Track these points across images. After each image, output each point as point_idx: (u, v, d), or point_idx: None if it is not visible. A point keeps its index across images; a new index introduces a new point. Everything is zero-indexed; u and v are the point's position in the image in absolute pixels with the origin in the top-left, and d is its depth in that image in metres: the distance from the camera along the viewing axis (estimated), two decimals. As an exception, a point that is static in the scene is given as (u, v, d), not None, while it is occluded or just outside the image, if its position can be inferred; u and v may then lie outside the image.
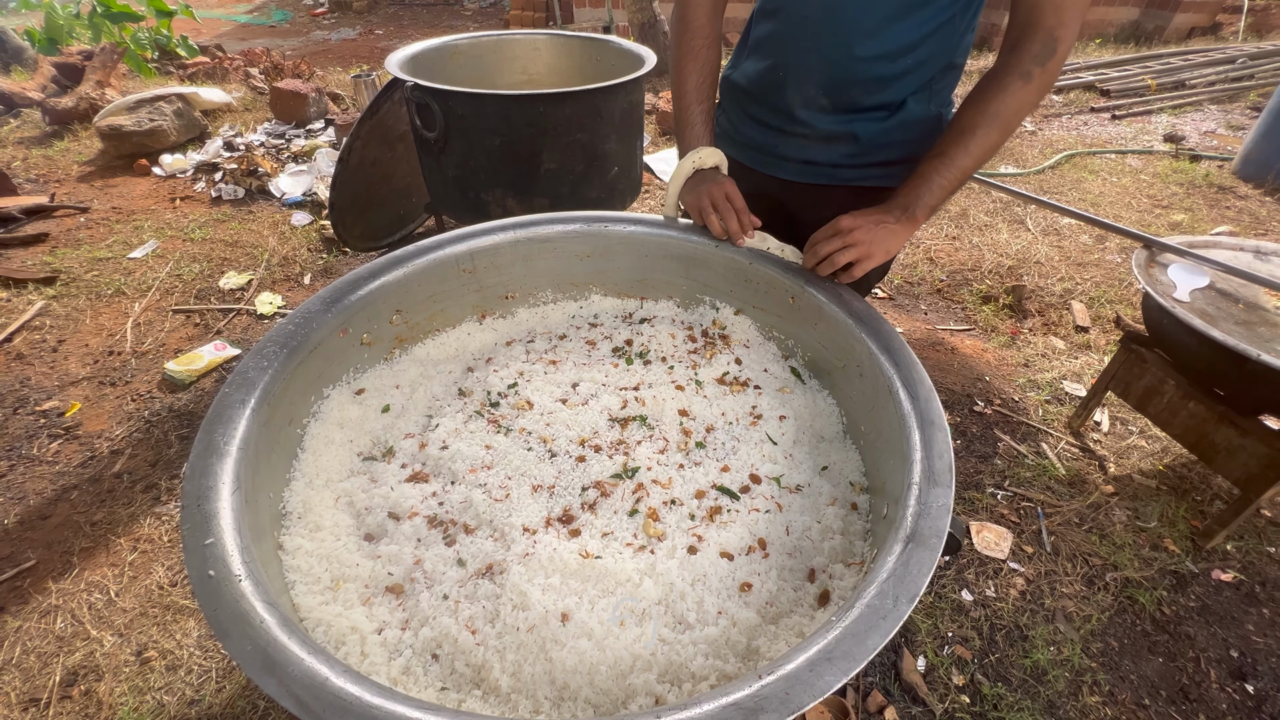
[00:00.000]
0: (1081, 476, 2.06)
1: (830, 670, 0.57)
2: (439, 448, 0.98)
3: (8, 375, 2.26)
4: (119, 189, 3.46)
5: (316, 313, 1.00)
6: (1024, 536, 1.87)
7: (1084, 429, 2.24)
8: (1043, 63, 0.96)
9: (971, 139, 1.00)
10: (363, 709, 0.54)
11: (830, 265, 1.06)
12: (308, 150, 3.76)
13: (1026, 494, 1.99)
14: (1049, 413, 2.32)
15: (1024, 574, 1.77)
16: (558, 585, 0.79)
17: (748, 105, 1.27)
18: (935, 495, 0.73)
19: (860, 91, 1.10)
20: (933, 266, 3.21)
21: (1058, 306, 2.91)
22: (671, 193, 1.22)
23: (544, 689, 0.72)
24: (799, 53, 1.12)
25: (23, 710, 1.42)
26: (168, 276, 2.77)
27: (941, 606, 1.68)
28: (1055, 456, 2.13)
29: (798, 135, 1.20)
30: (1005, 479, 2.04)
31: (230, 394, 0.84)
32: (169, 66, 5.57)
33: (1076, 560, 1.81)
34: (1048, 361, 2.59)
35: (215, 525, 0.69)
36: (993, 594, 1.72)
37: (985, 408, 2.32)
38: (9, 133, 4.03)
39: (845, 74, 1.08)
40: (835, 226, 1.05)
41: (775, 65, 1.17)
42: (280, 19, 8.98)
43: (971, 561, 1.79)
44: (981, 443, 2.18)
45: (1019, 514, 1.93)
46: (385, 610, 0.78)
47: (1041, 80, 0.97)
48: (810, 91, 1.13)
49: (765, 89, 1.21)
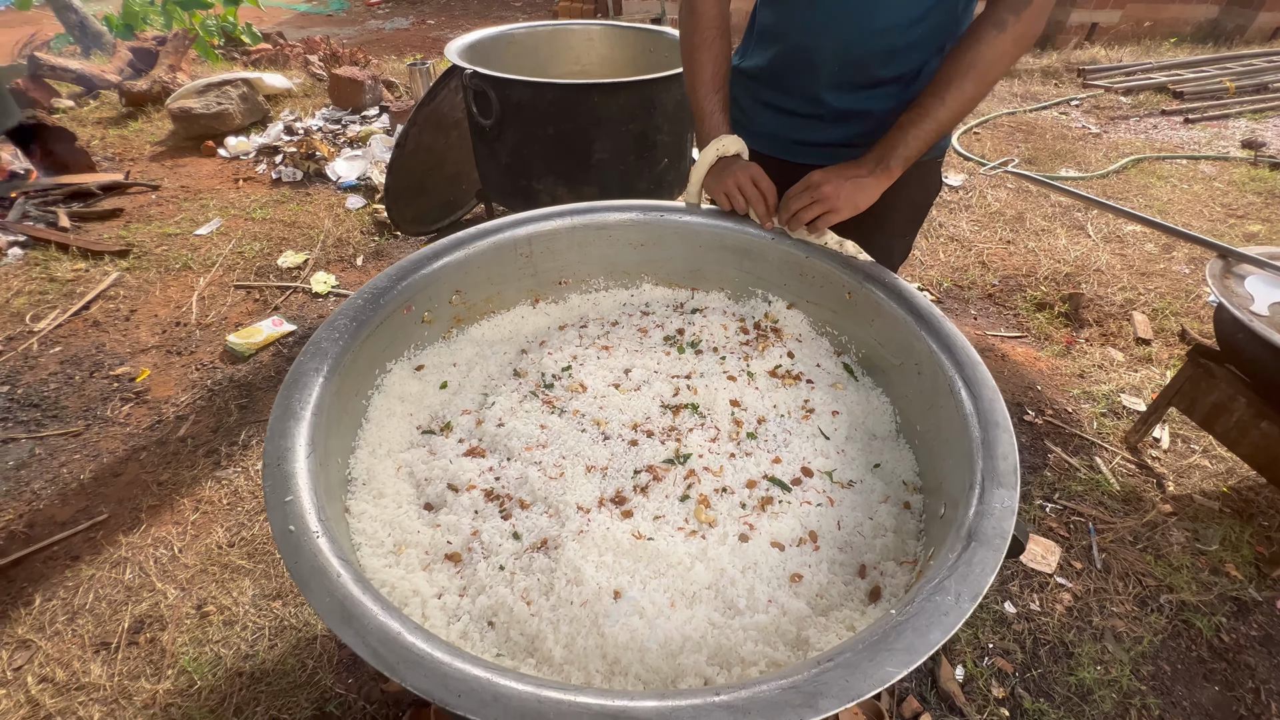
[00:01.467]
0: (1137, 494, 1.99)
1: (891, 660, 0.57)
2: (495, 425, 1.01)
3: (85, 341, 2.40)
4: (187, 168, 3.62)
5: (384, 289, 1.04)
6: (1073, 552, 1.81)
7: (1142, 445, 2.16)
8: (1017, 11, 0.96)
9: (947, 90, 1.01)
10: (433, 664, 0.56)
11: (799, 221, 1.10)
12: (363, 136, 3.86)
13: (1077, 508, 1.93)
14: (1104, 426, 2.23)
15: (1071, 590, 1.72)
16: (610, 563, 0.81)
17: (761, 93, 1.28)
18: (999, 496, 0.72)
19: (876, 64, 1.10)
20: (985, 270, 3.12)
21: (1118, 317, 2.79)
22: (694, 181, 1.23)
23: (595, 662, 0.73)
24: (810, 32, 1.12)
25: (94, 652, 1.52)
26: (230, 253, 2.89)
27: (983, 617, 1.64)
28: (1109, 471, 2.05)
29: (813, 117, 1.21)
30: (1055, 491, 1.98)
31: (305, 362, 0.88)
32: (234, 53, 5.79)
33: (1129, 579, 1.74)
34: (1104, 373, 2.49)
35: (294, 484, 0.72)
36: (1037, 608, 1.67)
37: (1036, 417, 2.25)
38: (89, 113, 4.25)
39: (859, 48, 1.09)
40: (807, 181, 1.09)
41: (786, 48, 1.18)
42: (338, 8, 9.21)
43: (1016, 573, 1.75)
44: (1031, 453, 2.12)
45: (1068, 528, 1.87)
46: (444, 576, 0.81)
47: (1017, 29, 0.96)
48: (825, 70, 1.13)
49: (778, 73, 1.21)
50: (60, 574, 1.67)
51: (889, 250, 1.34)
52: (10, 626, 1.56)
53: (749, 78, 1.30)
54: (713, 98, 1.21)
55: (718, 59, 1.20)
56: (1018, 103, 5.24)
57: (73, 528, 1.77)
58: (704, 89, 1.20)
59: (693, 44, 1.19)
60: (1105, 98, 5.30)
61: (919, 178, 1.26)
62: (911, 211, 1.34)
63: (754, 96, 1.30)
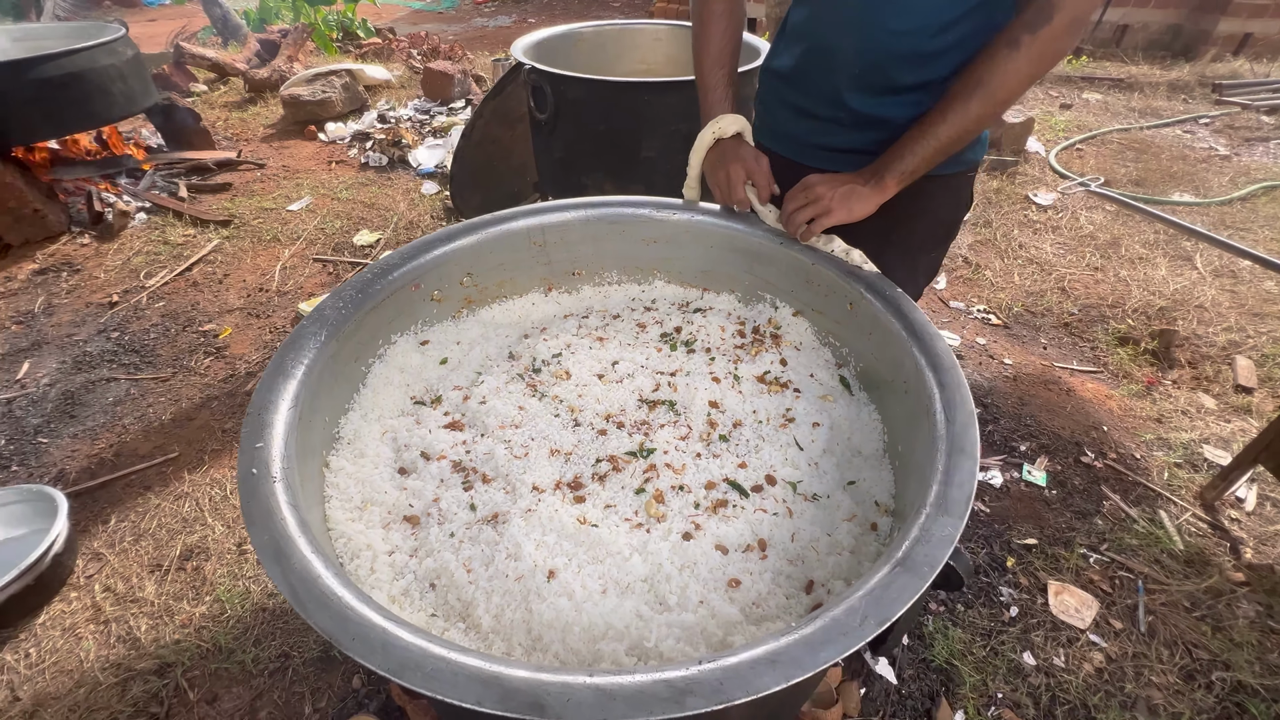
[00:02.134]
0: (1204, 556, 1.78)
1: (771, 672, 0.56)
2: (478, 402, 1.05)
3: (184, 299, 2.70)
4: (290, 150, 3.97)
5: (393, 265, 1.11)
6: (1114, 609, 1.65)
7: (1220, 503, 1.93)
8: (1034, 30, 0.91)
9: (950, 107, 0.97)
10: (339, 607, 0.61)
11: (793, 223, 1.09)
12: (446, 126, 4.08)
13: (1127, 563, 1.75)
14: (1177, 477, 2.01)
15: (1105, 650, 1.57)
16: (551, 544, 0.83)
17: (785, 93, 1.25)
18: (941, 524, 0.68)
19: (897, 69, 1.06)
20: (1063, 297, 2.88)
21: (1216, 360, 2.50)
22: (694, 165, 1.21)
23: (520, 635, 0.76)
24: (833, 33, 1.09)
25: (149, 572, 1.71)
26: (314, 229, 3.15)
27: (995, 664, 1.53)
28: (1174, 527, 1.85)
29: (833, 121, 1.17)
30: (1103, 542, 1.81)
31: (306, 326, 0.96)
32: (348, 45, 6.27)
33: (1176, 648, 1.57)
34: (1188, 420, 2.24)
35: (268, 433, 0.79)
36: (1061, 663, 1.54)
37: (1095, 460, 2.06)
38: (218, 96, 4.75)
39: (879, 50, 1.05)
40: (803, 183, 1.08)
41: (810, 48, 1.15)
42: (448, 5, 9.75)
43: (1042, 623, 1.61)
44: (1082, 498, 1.94)
45: (1112, 583, 1.71)
46: (399, 536, 0.87)
47: (1033, 49, 0.91)
48: (846, 71, 1.10)
49: (802, 74, 1.18)
50: (133, 500, 1.90)
51: (913, 266, 1.28)
52: (89, 540, 1.79)
53: (776, 77, 1.28)
54: (716, 72, 1.19)
55: (725, 34, 1.18)
56: (1134, 118, 4.79)
57: (149, 461, 2.00)
58: (708, 63, 1.19)
59: (702, 18, 1.19)
60: (1242, 116, 4.73)
61: (945, 192, 1.20)
62: (936, 227, 1.28)
63: (779, 97, 1.28)
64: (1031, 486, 1.98)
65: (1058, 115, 4.84)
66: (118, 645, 1.55)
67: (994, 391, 2.33)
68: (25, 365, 2.34)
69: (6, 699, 1.44)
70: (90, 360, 2.37)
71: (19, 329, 2.52)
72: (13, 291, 2.72)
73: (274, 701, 1.45)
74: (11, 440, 2.05)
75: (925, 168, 1.02)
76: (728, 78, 1.21)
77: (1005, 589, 1.69)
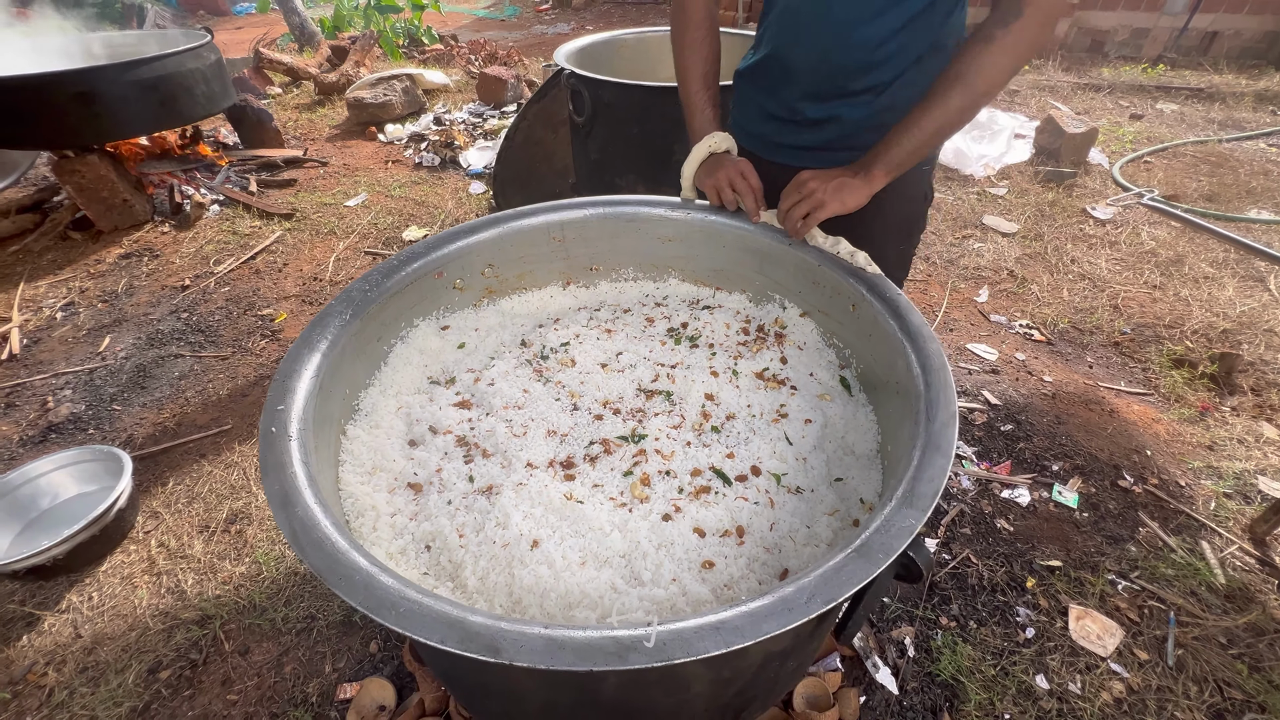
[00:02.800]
0: (1247, 592, 1.67)
1: (713, 638, 0.59)
2: (487, 384, 1.12)
3: (245, 285, 2.91)
4: (352, 150, 4.21)
5: (418, 254, 1.19)
6: (1140, 640, 1.58)
7: (1271, 538, 1.81)
8: (1006, 24, 0.96)
9: (933, 102, 1.03)
10: (332, 550, 0.68)
11: (791, 219, 1.14)
12: (497, 129, 4.24)
13: (1160, 593, 1.67)
14: (1225, 508, 1.90)
15: (1127, 681, 1.50)
16: (538, 516, 0.88)
17: (752, 94, 1.35)
18: (903, 515, 0.69)
19: (850, 77, 1.15)
20: (1115, 315, 2.75)
21: (1283, 387, 2.34)
22: (687, 176, 1.28)
23: (501, 597, 0.81)
24: (792, 43, 1.19)
25: (199, 532, 1.86)
26: (367, 224, 3.34)
27: (1005, 684, 1.49)
28: (1216, 560, 1.75)
29: (791, 122, 1.27)
30: (1135, 569, 1.73)
31: (334, 306, 1.04)
32: (413, 52, 6.57)
33: (1205, 685, 1.49)
34: (1244, 449, 2.11)
35: (290, 398, 0.88)
36: (1076, 690, 1.48)
37: (1134, 484, 1.97)
38: (291, 99, 5.07)
39: (835, 61, 1.14)
40: (797, 180, 1.14)
41: (771, 55, 1.24)
42: (510, 14, 10.07)
43: (1060, 647, 1.56)
44: (1116, 522, 1.86)
45: (1140, 613, 1.63)
46: (402, 500, 0.93)
47: (1006, 43, 0.97)
48: (803, 80, 1.20)
49: (764, 78, 1.28)
50: (189, 466, 2.07)
51: (881, 257, 1.31)
52: (149, 499, 1.96)
53: (743, 78, 1.37)
54: (703, 94, 1.28)
55: (707, 58, 1.27)
56: (1213, 130, 4.51)
57: (205, 431, 2.17)
58: (694, 86, 1.28)
59: (683, 43, 1.27)
60: (1338, 130, 4.38)
61: (904, 187, 1.26)
62: (900, 221, 1.36)
63: (749, 97, 1.37)
64: (1061, 508, 1.91)
65: (1126, 126, 4.61)
66: (167, 596, 1.70)
67: (1029, 409, 2.25)
68: (107, 340, 2.58)
69: (71, 635, 1.60)
70: (162, 337, 2.59)
71: (104, 307, 2.78)
72: (101, 273, 3.00)
73: (298, 659, 1.56)
74: (90, 406, 2.27)
75: (912, 160, 1.07)
76: (713, 99, 1.30)
77: (1023, 609, 1.64)
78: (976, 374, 2.41)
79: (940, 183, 3.83)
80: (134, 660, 1.54)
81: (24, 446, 2.11)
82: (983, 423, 2.19)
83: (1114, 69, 5.96)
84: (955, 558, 1.76)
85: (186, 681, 1.51)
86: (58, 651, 1.56)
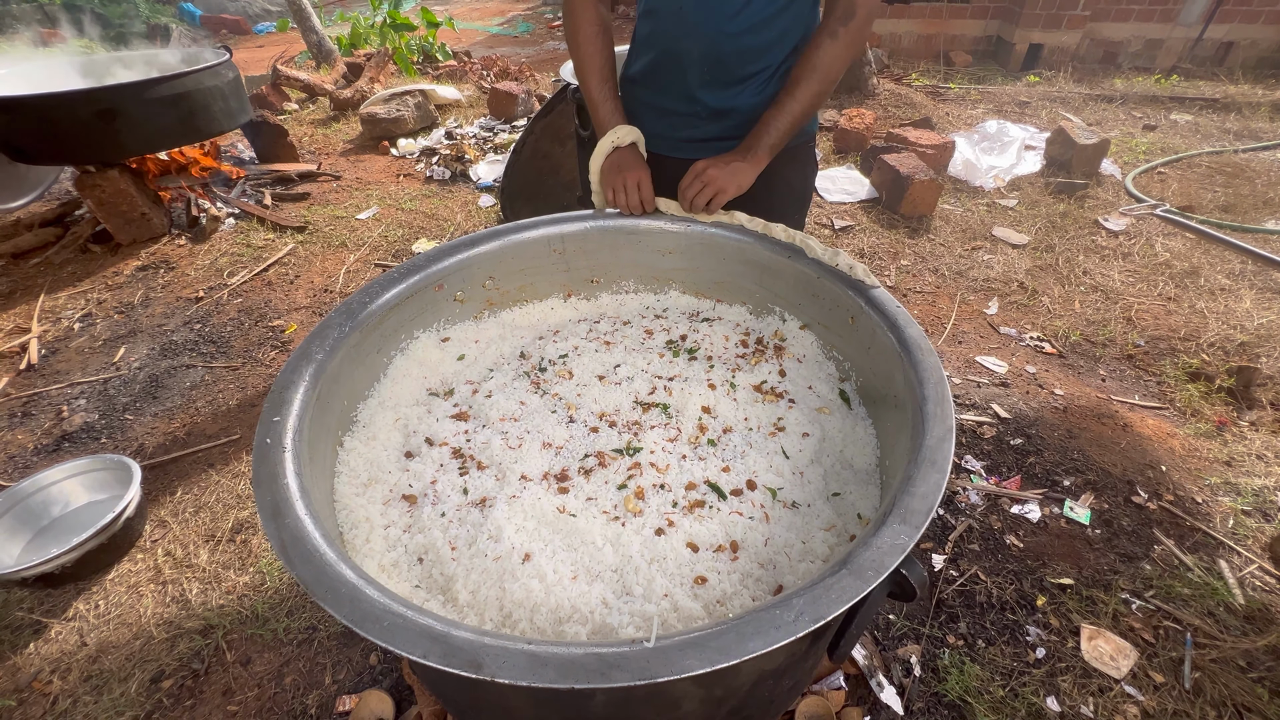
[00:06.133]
0: (1267, 613, 1.62)
1: (696, 655, 0.58)
2: (485, 396, 1.12)
3: (258, 296, 2.95)
4: (365, 164, 4.27)
5: (418, 267, 1.20)
6: (1155, 662, 1.53)
7: (1292, 557, 1.75)
8: (845, 23, 1.16)
9: (798, 88, 1.20)
10: (320, 563, 0.68)
11: (696, 205, 1.26)
12: (508, 143, 4.29)
13: (1176, 613, 1.62)
14: (1243, 525, 1.85)
15: (1142, 704, 1.46)
16: (531, 529, 0.88)
17: (645, 96, 1.41)
18: (895, 532, 0.68)
19: (736, 63, 1.26)
20: (1129, 328, 2.71)
21: (1304, 402, 2.28)
22: (594, 171, 1.35)
23: (492, 611, 0.81)
24: (679, 42, 1.26)
25: (204, 541, 1.88)
26: (378, 236, 3.38)
27: (1015, 705, 1.45)
28: (1235, 579, 1.70)
29: (691, 115, 1.35)
30: (1149, 588, 1.68)
31: (333, 318, 1.06)
32: (427, 68, 6.69)
33: (1224, 709, 1.44)
34: (1264, 465, 2.06)
35: (286, 409, 0.88)
36: (1089, 713, 1.44)
37: (1149, 501, 1.92)
38: (306, 114, 5.17)
39: (722, 50, 1.24)
40: (694, 170, 1.26)
41: (661, 55, 1.31)
42: (524, 30, 10.23)
43: (1072, 668, 1.52)
44: (1130, 540, 1.82)
45: (1155, 633, 1.59)
46: (397, 513, 0.93)
47: (847, 38, 1.16)
48: (696, 71, 1.28)
49: (658, 77, 1.35)
50: (198, 475, 2.09)
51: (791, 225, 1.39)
52: (157, 508, 1.98)
53: (635, 84, 1.42)
54: (603, 88, 1.34)
55: (603, 53, 1.33)
56: (1229, 140, 4.45)
57: (214, 441, 2.20)
58: (595, 80, 1.34)
59: (579, 42, 1.33)
60: (1358, 139, 4.31)
61: (793, 162, 1.40)
62: (791, 193, 1.48)
63: (640, 101, 1.42)
64: (1073, 524, 1.87)
65: (1140, 137, 4.57)
66: (171, 605, 1.71)
67: (1039, 422, 2.21)
68: (121, 350, 2.63)
69: (76, 643, 1.62)
70: (175, 348, 2.63)
71: (120, 318, 2.83)
72: (118, 285, 3.06)
73: (299, 669, 1.56)
74: (103, 415, 2.30)
75: (784, 140, 1.24)
76: (613, 92, 1.37)
77: (1033, 628, 1.60)
78: (986, 387, 2.38)
79: (949, 194, 3.81)
80: (137, 669, 1.55)
81: (38, 455, 2.14)
82: (992, 437, 2.16)
83: (1127, 80, 5.92)
84: (963, 574, 1.72)
85: (188, 691, 1.51)
86: (63, 659, 1.57)
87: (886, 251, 3.27)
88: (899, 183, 3.47)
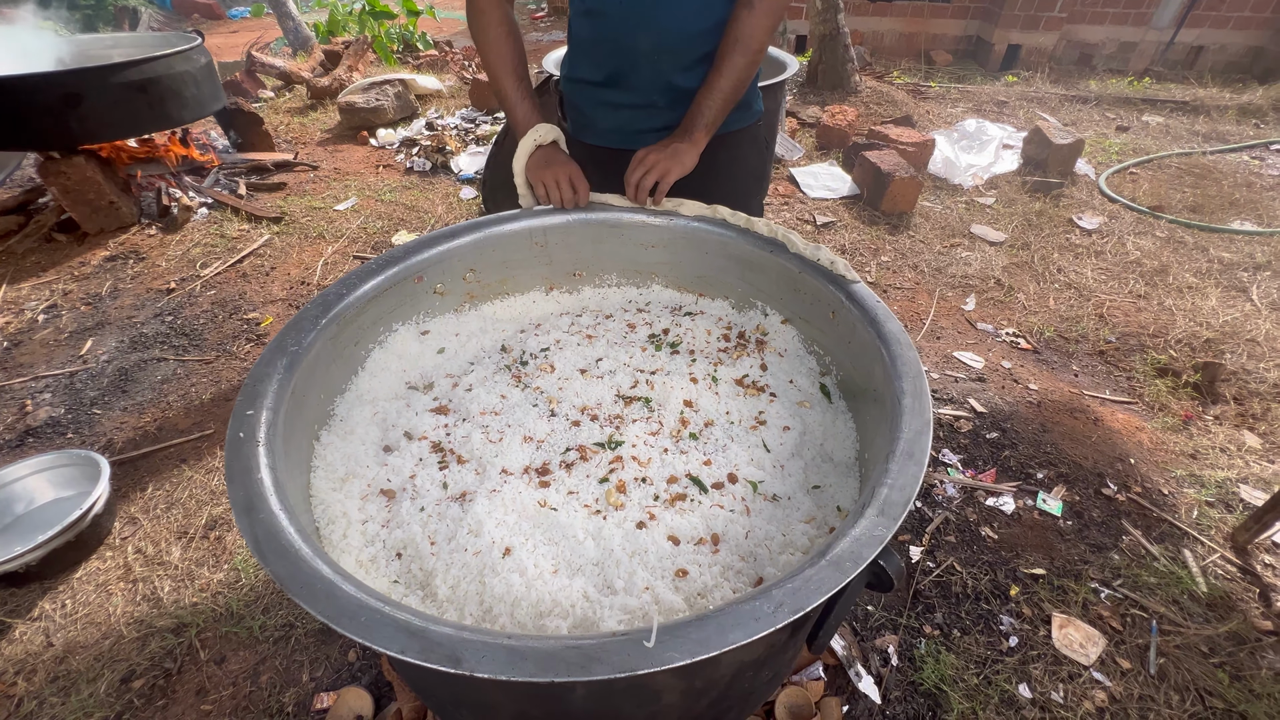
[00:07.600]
0: (1229, 601, 1.68)
1: (677, 648, 0.58)
2: (465, 389, 1.11)
3: (232, 288, 2.89)
4: (343, 154, 4.19)
5: (397, 259, 1.18)
6: (1122, 649, 1.58)
7: (1252, 546, 1.82)
8: None
9: (724, 63, 1.23)
10: (295, 558, 0.66)
11: (642, 191, 1.25)
12: (489, 135, 4.24)
13: (1142, 601, 1.67)
14: (1207, 516, 1.91)
15: (1109, 690, 1.50)
16: (511, 524, 0.87)
17: (602, 95, 1.39)
18: (874, 524, 0.69)
19: (698, 44, 1.27)
20: (1101, 324, 2.77)
21: (1266, 397, 2.36)
22: (518, 169, 1.33)
23: (472, 606, 0.80)
24: (630, 34, 1.26)
25: (177, 538, 1.83)
26: (357, 228, 3.32)
27: (988, 693, 1.48)
28: (1198, 568, 1.76)
29: (649, 106, 1.36)
30: (1118, 577, 1.73)
31: (309, 310, 1.03)
32: (407, 57, 6.58)
33: (1187, 694, 1.49)
34: (1227, 458, 2.12)
35: (260, 403, 0.86)
36: (1059, 699, 1.48)
37: (1118, 492, 1.97)
38: (283, 103, 5.06)
39: (673, 39, 1.26)
40: (636, 159, 1.26)
41: (613, 51, 1.30)
42: (504, 21, 10.09)
43: (1043, 656, 1.56)
44: (1100, 530, 1.86)
45: (1123, 621, 1.63)
46: (374, 508, 0.92)
47: (764, 6, 1.18)
48: (651, 64, 1.29)
49: (612, 74, 1.33)
50: (169, 471, 2.04)
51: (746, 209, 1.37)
52: (127, 505, 1.93)
53: (589, 85, 1.41)
54: (520, 86, 1.33)
55: (515, 51, 1.32)
56: (1198, 142, 4.57)
57: (187, 436, 2.15)
58: (509, 79, 1.32)
59: (488, 41, 1.30)
60: (1320, 143, 4.45)
61: (749, 142, 1.45)
62: (749, 173, 1.51)
63: (594, 100, 1.42)
64: (1045, 515, 1.91)
65: (1113, 138, 4.67)
66: (142, 603, 1.67)
67: (1014, 416, 2.26)
68: (89, 343, 2.55)
69: (42, 644, 1.57)
70: (145, 341, 2.56)
71: (87, 309, 2.75)
72: (85, 275, 2.97)
73: (275, 667, 1.53)
74: (70, 410, 2.24)
75: (721, 117, 1.26)
76: (527, 90, 1.34)
77: (1006, 618, 1.64)
78: (963, 382, 2.42)
79: (929, 191, 3.86)
80: (106, 669, 1.51)
81: (0, 450, 2.08)
82: (968, 430, 2.20)
83: (1101, 82, 6.04)
84: (940, 565, 1.75)
85: (160, 691, 1.48)
86: (28, 660, 1.53)
87: (867, 248, 3.30)
88: (880, 180, 3.50)
